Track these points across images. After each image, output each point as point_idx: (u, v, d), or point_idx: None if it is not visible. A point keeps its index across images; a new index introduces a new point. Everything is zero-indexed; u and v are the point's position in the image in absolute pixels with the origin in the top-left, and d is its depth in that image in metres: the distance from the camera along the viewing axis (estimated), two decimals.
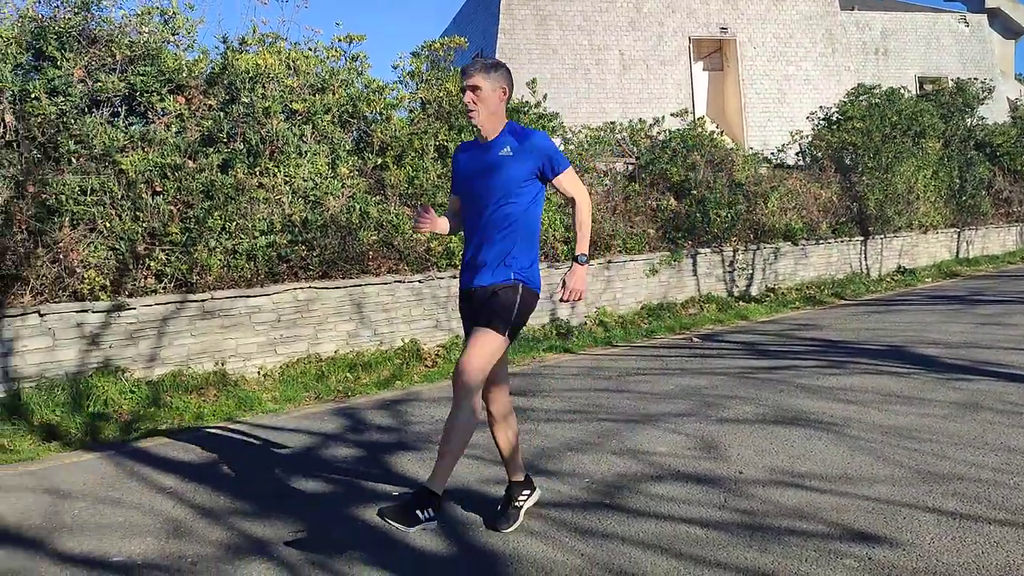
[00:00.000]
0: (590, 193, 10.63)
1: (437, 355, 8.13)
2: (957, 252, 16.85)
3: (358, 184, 8.26)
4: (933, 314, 10.12)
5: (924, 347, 7.75)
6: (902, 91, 15.99)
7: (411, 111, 9.29)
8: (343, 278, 7.91)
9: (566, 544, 3.46)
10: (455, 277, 8.67)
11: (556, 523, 3.70)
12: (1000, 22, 35.28)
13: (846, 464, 4.37)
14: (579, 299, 3.63)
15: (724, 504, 3.86)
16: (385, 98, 8.77)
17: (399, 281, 8.24)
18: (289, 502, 4.16)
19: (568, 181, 3.63)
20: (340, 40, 8.78)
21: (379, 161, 8.58)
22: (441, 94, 9.15)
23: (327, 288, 7.72)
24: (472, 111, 3.53)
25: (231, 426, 5.92)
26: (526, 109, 9.93)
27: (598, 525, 3.66)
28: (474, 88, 3.50)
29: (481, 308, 3.51)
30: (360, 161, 8.50)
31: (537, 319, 9.42)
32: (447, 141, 8.91)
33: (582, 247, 3.63)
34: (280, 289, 7.40)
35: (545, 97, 10.60)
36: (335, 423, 5.87)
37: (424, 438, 5.30)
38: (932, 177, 15.44)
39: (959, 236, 16.90)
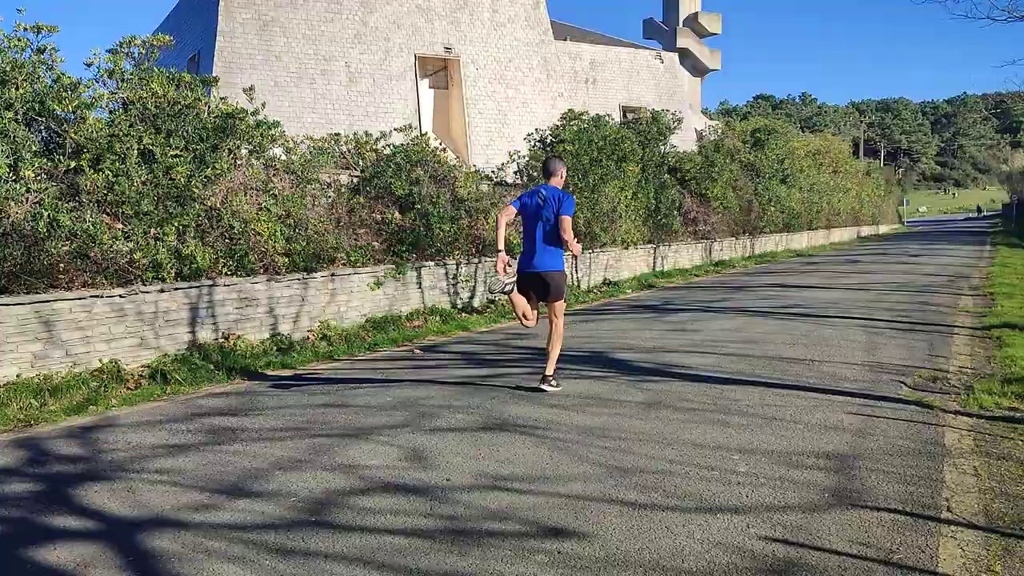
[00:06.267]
0: (312, 205, 10.49)
1: (142, 376, 7.54)
2: (654, 266, 18.71)
3: (47, 189, 7.46)
4: (631, 322, 11.13)
5: (621, 352, 8.49)
6: (607, 118, 17.45)
7: (112, 112, 8.56)
8: (27, 293, 7.09)
9: (266, 566, 3.36)
10: (163, 291, 8.11)
11: (257, 546, 3.58)
12: (690, 62, 39.85)
13: (545, 464, 4.67)
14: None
15: (430, 512, 3.95)
16: (79, 96, 8.02)
17: (97, 296, 7.54)
18: None
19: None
20: (26, 29, 7.90)
21: (73, 164, 7.80)
22: (146, 95, 8.53)
23: (7, 304, 6.87)
24: None
25: None
26: (243, 116, 9.53)
27: (301, 544, 3.59)
28: None
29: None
30: (50, 164, 7.69)
31: (256, 334, 9.07)
32: (152, 145, 8.31)
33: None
34: None
35: (264, 105, 10.25)
36: (12, 456, 5.22)
37: (118, 466, 4.88)
38: (632, 198, 17.00)
39: (655, 251, 18.77)
